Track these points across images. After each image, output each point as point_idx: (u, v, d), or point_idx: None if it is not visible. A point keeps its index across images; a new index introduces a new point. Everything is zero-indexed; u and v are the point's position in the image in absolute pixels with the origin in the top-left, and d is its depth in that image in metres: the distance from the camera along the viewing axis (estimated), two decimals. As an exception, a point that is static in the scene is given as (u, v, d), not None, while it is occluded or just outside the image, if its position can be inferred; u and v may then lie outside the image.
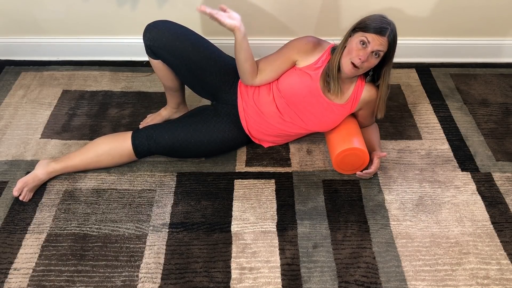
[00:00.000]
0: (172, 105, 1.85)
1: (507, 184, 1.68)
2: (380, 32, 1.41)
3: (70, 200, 1.59)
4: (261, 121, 1.65)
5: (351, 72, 1.49)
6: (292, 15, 2.14)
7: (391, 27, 1.43)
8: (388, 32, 1.42)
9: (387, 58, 1.49)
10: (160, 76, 1.71)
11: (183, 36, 1.58)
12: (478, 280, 1.38)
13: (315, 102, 1.59)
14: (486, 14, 2.17)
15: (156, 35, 1.56)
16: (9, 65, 2.23)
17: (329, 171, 1.72)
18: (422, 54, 2.31)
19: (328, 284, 1.36)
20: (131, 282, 1.36)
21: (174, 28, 1.58)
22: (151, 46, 1.58)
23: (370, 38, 1.42)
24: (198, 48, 1.59)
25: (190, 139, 1.62)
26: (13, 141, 1.81)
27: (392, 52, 1.48)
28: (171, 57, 1.59)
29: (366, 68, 1.48)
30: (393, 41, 1.44)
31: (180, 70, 1.64)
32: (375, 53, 1.44)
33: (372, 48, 1.42)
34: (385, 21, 1.44)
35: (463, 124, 1.95)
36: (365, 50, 1.43)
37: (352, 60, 1.45)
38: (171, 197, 1.61)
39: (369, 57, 1.44)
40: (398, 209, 1.58)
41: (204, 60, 1.60)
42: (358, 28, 1.46)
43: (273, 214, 1.56)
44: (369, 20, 1.44)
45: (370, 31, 1.42)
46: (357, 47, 1.44)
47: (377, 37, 1.41)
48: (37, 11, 2.12)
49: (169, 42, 1.56)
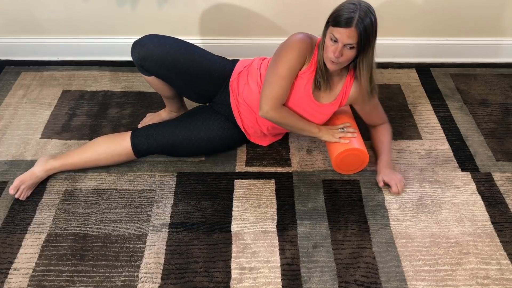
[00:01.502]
0: (171, 109, 1.86)
1: (507, 184, 1.68)
2: (346, 23, 1.34)
3: (70, 200, 1.59)
4: (253, 117, 1.66)
5: (332, 68, 1.46)
6: (292, 15, 2.14)
7: (359, 14, 1.33)
8: (355, 21, 1.33)
9: (363, 46, 1.39)
10: (156, 88, 1.72)
11: (173, 50, 1.55)
12: (478, 280, 1.38)
13: (306, 106, 1.59)
14: (486, 14, 2.17)
15: (145, 53, 1.53)
16: (9, 65, 2.23)
17: (329, 171, 1.72)
18: (422, 54, 2.31)
19: (328, 284, 1.36)
20: (131, 282, 1.36)
21: (161, 42, 1.55)
22: (143, 65, 1.57)
23: (337, 34, 1.37)
24: (189, 58, 1.57)
25: (190, 137, 1.62)
26: (13, 141, 1.81)
27: (366, 40, 1.37)
28: (163, 71, 1.57)
29: (345, 60, 1.43)
30: (364, 29, 1.34)
31: (174, 82, 1.63)
32: (348, 46, 1.39)
33: (342, 42, 1.37)
34: (352, 9, 1.34)
35: (463, 124, 1.95)
36: (337, 46, 1.39)
37: (329, 58, 1.43)
38: (171, 197, 1.61)
39: (343, 50, 1.39)
40: (398, 209, 1.58)
41: (196, 70, 1.59)
42: (329, 22, 1.41)
43: (273, 214, 1.56)
44: (337, 12, 1.38)
45: (337, 25, 1.36)
46: (329, 43, 1.41)
47: (344, 30, 1.35)
48: (37, 11, 2.12)
49: (160, 58, 1.53)
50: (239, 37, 2.22)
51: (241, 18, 2.15)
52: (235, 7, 2.11)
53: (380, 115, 1.73)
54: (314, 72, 1.53)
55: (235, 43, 2.22)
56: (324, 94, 1.59)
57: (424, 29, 2.22)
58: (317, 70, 1.52)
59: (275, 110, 1.51)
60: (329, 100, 1.60)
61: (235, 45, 2.22)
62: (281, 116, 1.53)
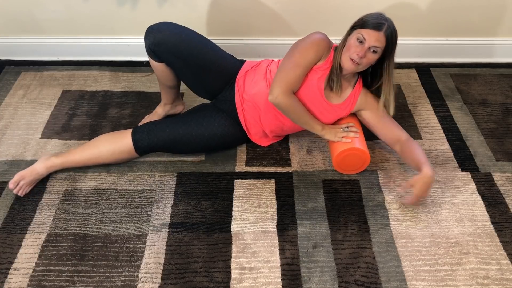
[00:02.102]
0: (166, 101, 1.85)
1: (507, 184, 1.68)
2: (377, 27, 1.43)
3: (70, 200, 1.59)
4: (257, 114, 1.66)
5: (351, 68, 1.50)
6: (293, 15, 2.14)
7: (388, 23, 1.45)
8: (385, 27, 1.44)
9: (387, 53, 1.49)
10: (159, 76, 1.71)
11: (188, 39, 1.57)
12: (478, 280, 1.38)
13: (316, 101, 1.60)
14: (486, 14, 2.17)
15: (160, 39, 1.54)
16: (9, 65, 2.23)
17: (329, 171, 1.72)
18: (422, 54, 2.31)
19: (328, 284, 1.36)
20: (131, 282, 1.36)
21: (178, 31, 1.57)
22: (155, 50, 1.57)
23: (366, 35, 1.44)
24: (202, 50, 1.59)
25: (191, 133, 1.62)
26: (13, 141, 1.81)
27: (391, 47, 1.48)
28: (175, 59, 1.58)
29: (366, 64, 1.49)
30: (391, 36, 1.45)
31: (183, 72, 1.64)
32: (373, 49, 1.45)
33: (369, 44, 1.44)
34: (382, 17, 1.46)
35: (463, 124, 1.95)
36: (363, 47, 1.45)
37: (350, 57, 1.47)
38: (171, 197, 1.61)
39: (367, 52, 1.46)
40: (398, 209, 1.58)
41: (208, 63, 1.61)
42: (356, 26, 1.49)
43: (273, 214, 1.56)
44: (366, 17, 1.47)
45: (366, 27, 1.44)
46: (355, 43, 1.46)
47: (373, 32, 1.43)
48: (37, 11, 2.12)
49: (174, 46, 1.54)
50: (239, 37, 2.22)
51: (241, 18, 2.15)
52: (235, 7, 2.11)
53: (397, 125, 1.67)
54: (329, 69, 1.56)
55: (235, 43, 2.22)
56: (334, 96, 1.62)
57: (424, 29, 2.22)
58: (332, 69, 1.55)
59: (285, 95, 1.51)
60: (338, 102, 1.63)
61: (235, 45, 2.22)
62: (289, 104, 1.53)
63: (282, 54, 1.67)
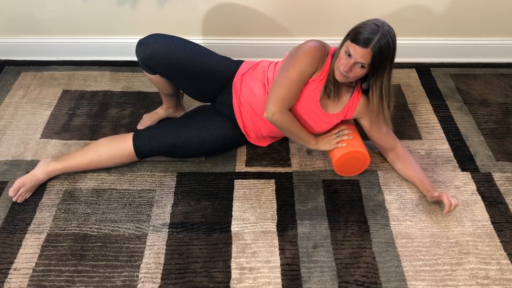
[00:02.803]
0: (168, 106, 1.86)
1: (507, 184, 1.68)
2: (364, 43, 1.34)
3: (70, 200, 1.59)
4: (254, 119, 1.65)
5: (340, 79, 1.46)
6: (293, 15, 2.14)
7: (379, 36, 1.33)
8: (373, 43, 1.33)
9: (376, 69, 1.40)
10: (157, 86, 1.72)
11: (178, 50, 1.55)
12: (478, 280, 1.38)
13: (311, 112, 1.59)
14: (486, 14, 2.17)
15: (150, 53, 1.53)
16: (9, 65, 2.23)
17: (329, 171, 1.72)
18: (422, 54, 2.31)
19: (328, 284, 1.36)
20: (131, 282, 1.36)
21: (167, 42, 1.54)
22: (147, 64, 1.56)
23: (352, 50, 1.37)
24: (194, 59, 1.57)
25: (192, 138, 1.62)
26: (13, 141, 1.81)
27: (380, 63, 1.38)
28: (169, 70, 1.57)
29: (354, 77, 1.44)
30: (378, 52, 1.34)
31: (179, 81, 1.63)
32: (360, 64, 1.39)
33: (355, 59, 1.38)
34: (375, 29, 1.34)
35: (463, 124, 1.95)
36: (349, 60, 1.39)
37: (338, 69, 1.44)
38: (171, 197, 1.61)
39: (353, 67, 1.40)
40: (398, 209, 1.58)
41: (201, 70, 1.59)
42: (349, 36, 1.42)
43: (273, 214, 1.56)
44: (358, 28, 1.38)
45: (354, 41, 1.37)
46: (343, 56, 1.41)
47: (359, 48, 1.35)
48: (37, 11, 2.12)
49: (165, 58, 1.53)
50: (239, 37, 2.22)
51: (241, 18, 2.15)
52: (235, 7, 2.11)
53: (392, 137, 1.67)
54: (324, 80, 1.53)
55: (235, 43, 2.22)
56: (332, 103, 1.59)
57: (424, 29, 2.22)
58: (328, 77, 1.52)
59: (281, 113, 1.50)
60: (335, 111, 1.61)
61: (235, 45, 2.22)
62: (285, 122, 1.53)
63: (282, 54, 1.67)
